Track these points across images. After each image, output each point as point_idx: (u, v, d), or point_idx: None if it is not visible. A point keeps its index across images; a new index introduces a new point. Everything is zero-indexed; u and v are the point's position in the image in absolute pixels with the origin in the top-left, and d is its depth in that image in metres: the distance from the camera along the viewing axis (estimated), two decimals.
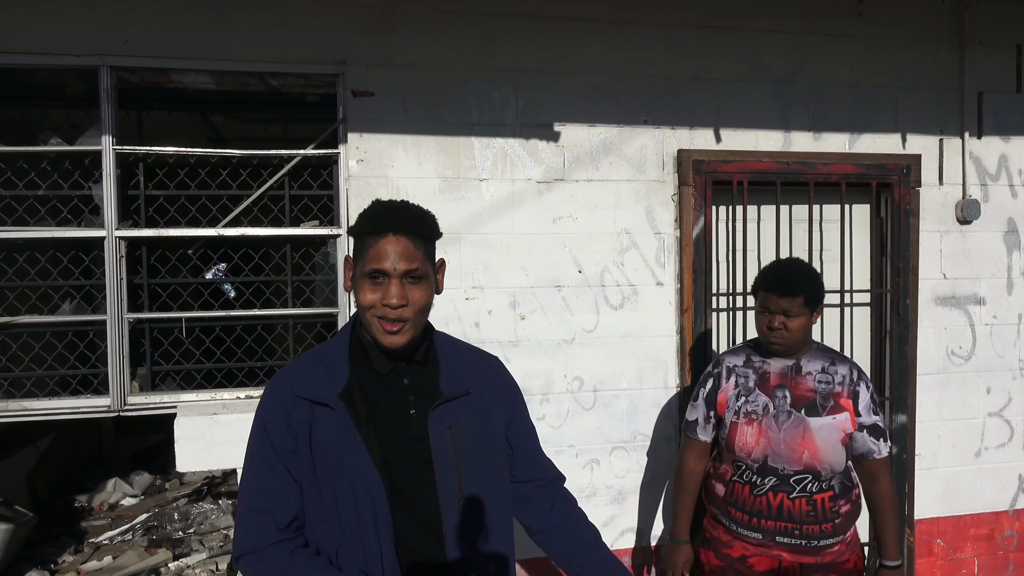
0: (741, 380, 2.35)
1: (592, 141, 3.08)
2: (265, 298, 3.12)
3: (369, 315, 1.46)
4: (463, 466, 1.52)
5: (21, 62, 2.73)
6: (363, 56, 2.89)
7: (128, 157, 2.89)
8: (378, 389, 1.52)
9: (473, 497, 1.54)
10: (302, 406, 1.48)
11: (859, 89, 3.31)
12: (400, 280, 1.43)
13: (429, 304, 1.50)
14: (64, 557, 4.44)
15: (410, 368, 1.56)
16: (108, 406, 2.87)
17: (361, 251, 1.46)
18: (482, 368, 1.67)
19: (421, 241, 1.46)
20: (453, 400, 1.55)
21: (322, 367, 1.53)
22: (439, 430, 1.51)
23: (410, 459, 1.50)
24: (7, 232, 2.83)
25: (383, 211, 1.47)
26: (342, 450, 1.45)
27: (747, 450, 2.26)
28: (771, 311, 2.22)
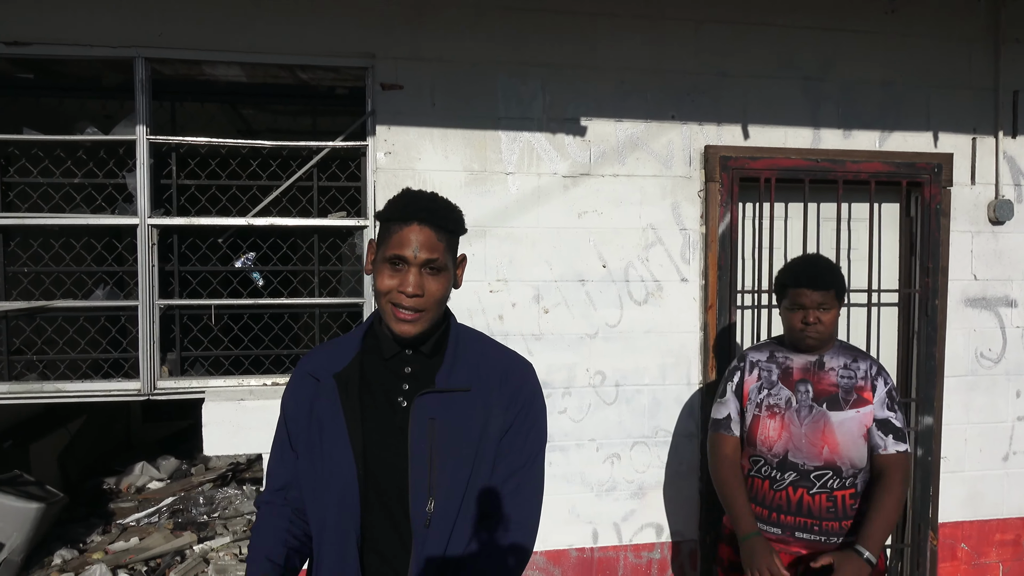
0: (764, 374, 2.35)
1: (619, 136, 3.08)
2: (292, 287, 3.16)
3: (384, 301, 1.46)
4: (438, 462, 1.45)
5: (60, 53, 2.80)
6: (392, 49, 2.92)
7: (161, 147, 2.94)
8: (379, 374, 1.53)
9: (444, 496, 1.45)
10: (309, 383, 1.55)
11: (891, 87, 3.27)
12: (419, 269, 1.43)
13: (445, 297, 1.49)
14: (92, 537, 4.55)
15: (415, 358, 1.53)
16: (138, 390, 2.93)
17: (385, 236, 1.47)
18: (497, 369, 1.56)
19: (445, 234, 1.46)
20: (445, 393, 1.49)
21: (335, 348, 1.58)
22: (420, 420, 1.46)
23: (388, 447, 1.47)
24: (44, 219, 2.90)
25: (411, 200, 1.47)
26: (327, 427, 1.49)
27: (769, 444, 2.26)
28: (805, 306, 2.21)
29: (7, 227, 2.91)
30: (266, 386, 2.99)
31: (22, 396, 2.89)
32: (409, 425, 1.46)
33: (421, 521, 1.44)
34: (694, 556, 3.22)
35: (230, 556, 4.18)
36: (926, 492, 3.32)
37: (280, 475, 1.59)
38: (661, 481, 3.17)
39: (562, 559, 3.11)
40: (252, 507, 4.85)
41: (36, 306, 2.90)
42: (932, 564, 3.36)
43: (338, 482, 1.46)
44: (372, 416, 1.49)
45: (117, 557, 4.18)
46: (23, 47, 2.75)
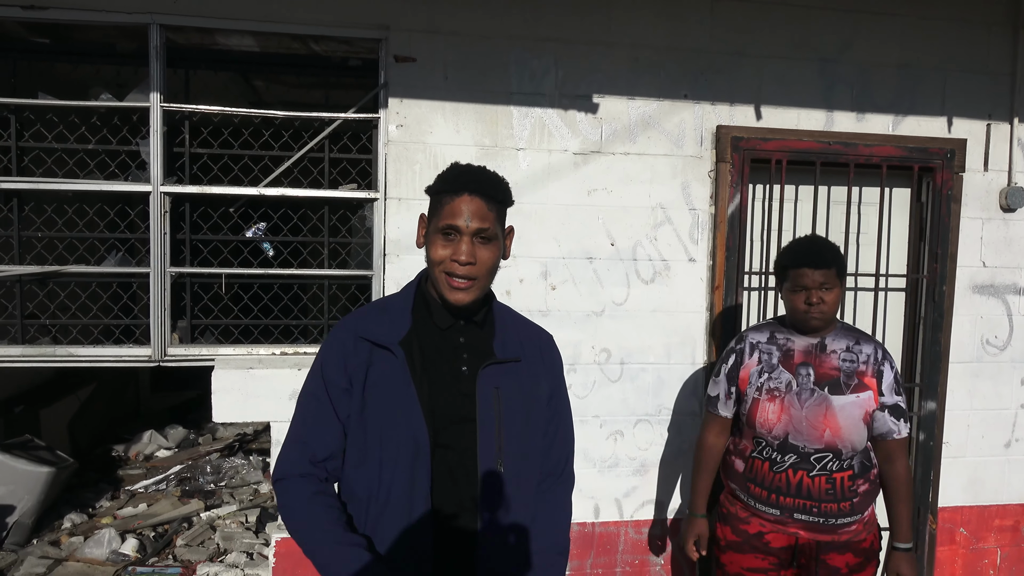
0: (764, 356, 2.35)
1: (631, 114, 3.08)
2: (302, 258, 3.19)
3: (438, 271, 1.52)
4: (504, 427, 1.56)
5: (76, 18, 2.80)
6: (407, 22, 2.91)
7: (175, 115, 2.96)
8: (435, 343, 1.58)
9: (510, 458, 1.57)
10: (363, 348, 1.55)
11: (906, 70, 3.25)
12: (471, 238, 1.50)
13: (496, 266, 1.56)
14: (101, 502, 4.62)
15: (468, 328, 1.61)
16: (149, 356, 2.97)
17: (436, 208, 1.53)
18: (535, 340, 1.71)
19: (495, 204, 1.53)
20: (504, 363, 1.60)
21: (385, 315, 1.60)
22: (487, 389, 1.56)
23: (456, 412, 1.54)
24: (58, 184, 2.92)
25: (461, 172, 1.55)
26: (394, 394, 1.52)
27: (768, 427, 2.27)
28: (807, 286, 2.21)
29: (22, 191, 2.93)
30: (275, 355, 3.02)
31: (35, 359, 2.93)
32: (476, 394, 1.55)
33: (491, 482, 1.54)
34: None
35: (236, 524, 4.24)
36: (927, 476, 3.34)
37: (323, 443, 1.56)
38: (665, 460, 3.20)
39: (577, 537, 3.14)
40: (258, 477, 4.92)
41: (49, 271, 2.93)
42: (931, 548, 3.39)
43: (407, 453, 1.50)
44: (438, 384, 1.55)
45: (125, 522, 4.25)
46: (40, 11, 2.76)
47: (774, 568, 2.33)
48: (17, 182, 2.88)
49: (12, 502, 3.96)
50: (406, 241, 2.95)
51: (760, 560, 2.33)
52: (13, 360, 2.92)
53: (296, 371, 2.89)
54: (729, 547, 2.41)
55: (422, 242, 1.58)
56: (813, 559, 2.28)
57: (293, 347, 3.06)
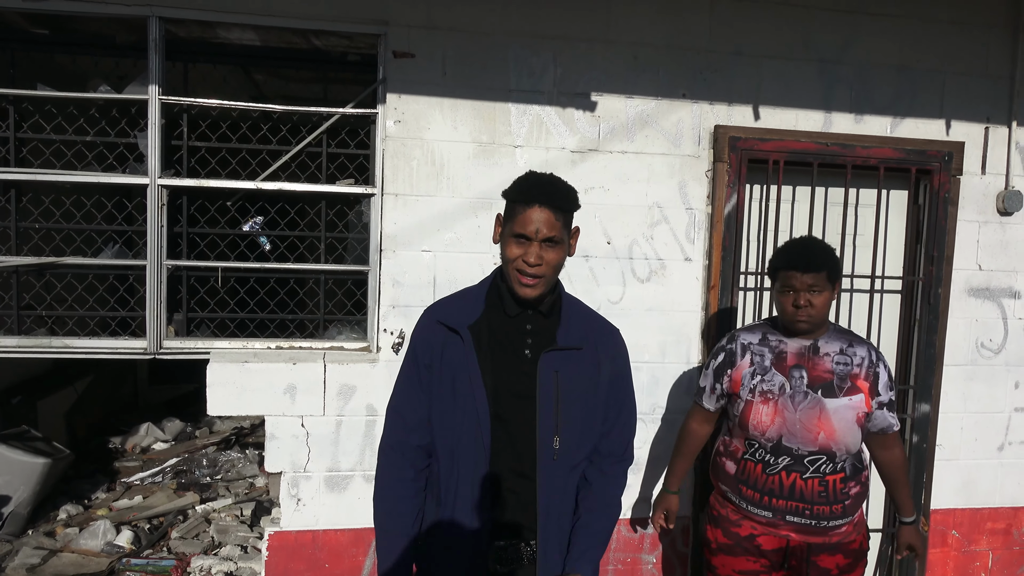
0: (756, 358, 2.34)
1: (629, 113, 3.08)
2: (299, 253, 3.19)
3: (511, 268, 1.74)
4: (563, 409, 1.76)
5: (75, 9, 2.80)
6: (406, 17, 2.91)
7: (173, 108, 2.96)
8: (504, 328, 1.80)
9: (567, 434, 1.77)
10: (440, 331, 1.81)
11: (905, 71, 3.25)
12: (540, 244, 1.70)
13: (561, 264, 1.77)
14: (97, 494, 4.63)
15: (535, 317, 1.81)
16: (145, 348, 2.98)
17: (511, 214, 1.74)
18: (600, 331, 1.89)
19: (562, 214, 1.73)
20: (565, 350, 1.79)
21: (462, 302, 1.86)
22: (547, 372, 1.76)
23: (517, 390, 1.77)
24: (56, 175, 2.92)
25: (534, 183, 1.74)
26: (462, 371, 1.76)
27: (762, 429, 2.27)
28: (796, 288, 2.21)
29: (19, 182, 2.94)
30: (270, 349, 3.03)
31: (31, 350, 2.94)
32: (537, 376, 1.76)
33: (548, 455, 1.76)
34: (686, 532, 3.26)
35: (231, 517, 4.25)
36: (919, 478, 3.35)
37: (413, 413, 1.83)
38: (657, 457, 3.20)
39: None
40: (254, 470, 4.93)
41: (46, 262, 2.94)
42: (923, 549, 3.39)
43: (471, 420, 1.75)
44: (502, 364, 1.78)
45: (121, 514, 4.26)
46: (40, 2, 2.76)
47: (765, 570, 2.33)
48: (15, 173, 2.89)
49: (8, 492, 3.97)
50: (402, 237, 2.95)
51: (751, 563, 2.34)
52: (9, 351, 2.92)
53: (291, 365, 2.89)
54: (720, 550, 2.40)
55: (498, 239, 1.80)
56: (804, 561, 2.29)
57: (288, 341, 3.06)
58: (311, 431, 2.94)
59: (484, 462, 1.75)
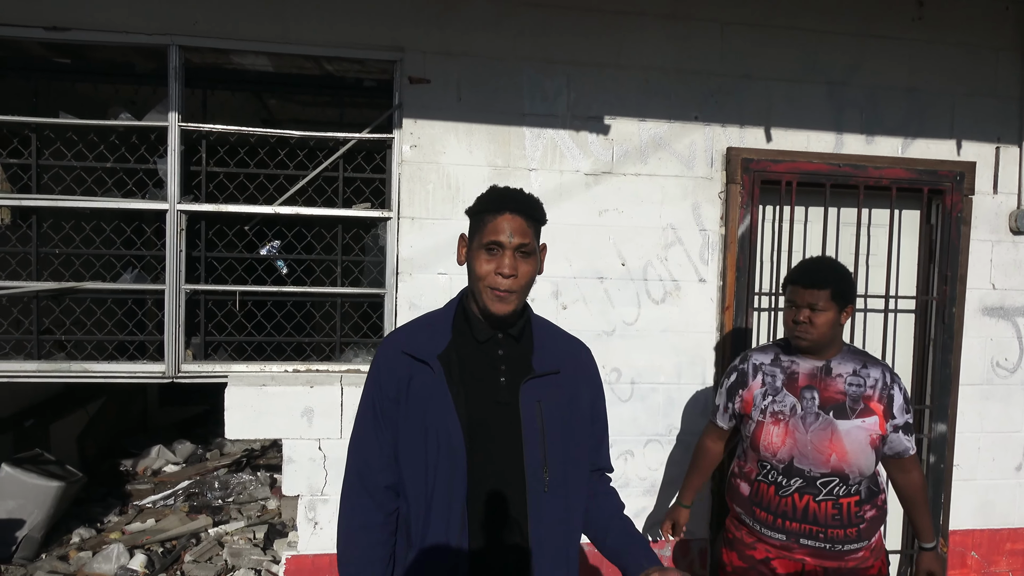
0: (768, 379, 2.32)
1: (642, 136, 3.11)
2: (315, 276, 3.21)
3: (481, 285, 1.62)
4: (549, 440, 1.64)
5: (97, 39, 2.85)
6: (421, 43, 2.95)
7: (192, 134, 3.00)
8: (474, 355, 1.67)
9: (555, 468, 1.65)
10: (404, 361, 1.66)
11: (915, 93, 3.28)
12: (513, 252, 1.60)
13: (532, 280, 1.66)
14: (110, 517, 4.62)
15: (506, 341, 1.69)
16: (163, 372, 2.99)
17: (479, 227, 1.63)
18: (573, 351, 1.79)
19: (532, 223, 1.64)
20: (543, 376, 1.67)
21: (428, 330, 1.71)
22: (529, 403, 1.64)
23: (496, 422, 1.63)
24: (76, 201, 2.95)
25: (502, 193, 1.66)
26: (433, 404, 1.61)
27: (772, 450, 2.25)
28: (797, 304, 2.21)
29: (41, 209, 2.97)
30: (287, 372, 3.04)
31: (50, 375, 2.96)
32: (520, 409, 1.63)
33: (539, 488, 1.63)
34: (704, 555, 3.25)
35: (244, 540, 4.24)
36: (937, 499, 3.33)
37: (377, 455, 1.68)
38: (673, 479, 3.20)
39: None
40: (266, 493, 4.92)
41: (66, 287, 2.97)
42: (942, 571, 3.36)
43: (446, 459, 1.60)
44: (476, 396, 1.64)
45: (134, 537, 4.24)
46: (62, 32, 2.82)
47: None
48: (37, 199, 2.92)
49: (22, 516, 3.97)
50: (419, 260, 2.98)
51: None
52: (29, 375, 2.94)
53: (308, 388, 2.90)
54: (735, 573, 2.37)
55: (463, 260, 1.69)
56: None
57: (305, 364, 3.08)
58: (328, 454, 2.95)
59: (460, 502, 1.60)
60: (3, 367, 2.93)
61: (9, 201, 2.99)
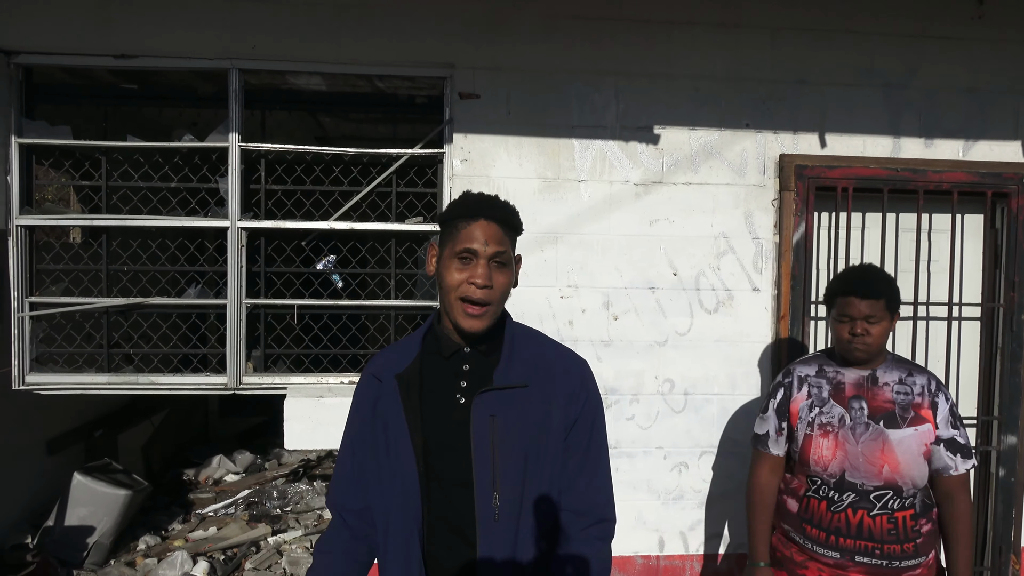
0: (814, 390, 2.25)
1: (692, 144, 3.09)
2: (370, 289, 3.28)
3: (452, 297, 1.51)
4: (501, 458, 1.50)
5: (162, 65, 2.99)
6: (471, 59, 3.00)
7: (251, 153, 3.10)
8: (438, 373, 1.58)
9: (509, 489, 1.50)
10: (372, 384, 1.61)
11: (976, 94, 3.18)
12: (488, 261, 1.49)
13: (508, 292, 1.56)
14: (173, 525, 4.77)
15: (472, 356, 1.58)
16: (225, 384, 3.09)
17: (451, 234, 1.52)
18: (553, 365, 1.61)
19: (508, 230, 1.54)
20: (504, 390, 1.53)
21: (398, 349, 1.64)
22: (482, 417, 1.51)
23: (452, 444, 1.52)
24: (143, 220, 3.08)
25: (477, 198, 1.55)
26: (390, 425, 1.55)
27: (823, 464, 2.17)
28: (853, 317, 2.14)
29: (110, 228, 3.11)
30: (343, 384, 3.11)
31: (120, 387, 3.08)
32: (471, 422, 1.50)
33: (488, 515, 1.49)
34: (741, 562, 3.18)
35: (302, 549, 4.33)
36: (1008, 514, 3.20)
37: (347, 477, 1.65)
38: (726, 493, 3.15)
39: (628, 565, 3.12)
40: (321, 503, 5.01)
41: (134, 302, 3.09)
42: None
43: (400, 479, 1.53)
44: (432, 414, 1.54)
45: (196, 545, 4.37)
46: (130, 59, 2.95)
47: None
48: (106, 219, 3.06)
49: (92, 523, 4.13)
50: None
51: None
52: (100, 387, 3.07)
53: None
54: None
55: (433, 269, 1.58)
56: None
57: None
58: None
59: (415, 528, 1.51)
60: (76, 380, 3.06)
61: (81, 221, 3.13)
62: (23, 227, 3.01)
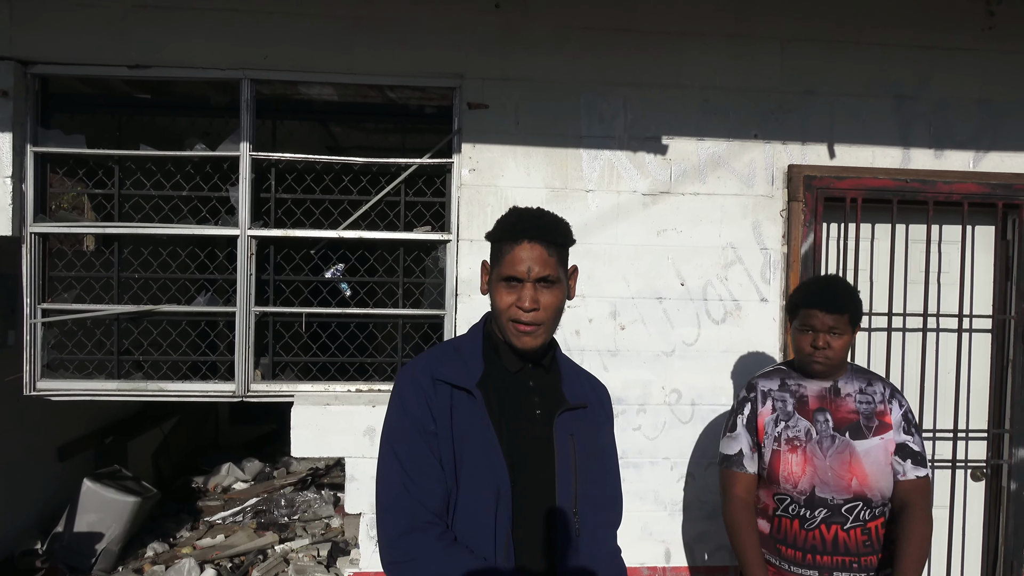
0: (779, 404, 2.21)
1: (700, 155, 3.09)
2: (378, 298, 3.29)
3: (504, 319, 1.52)
4: (581, 475, 1.55)
5: (175, 75, 3.02)
6: (480, 70, 3.02)
7: (262, 163, 3.13)
8: (508, 386, 1.56)
9: (585, 505, 1.55)
10: (443, 390, 1.51)
11: (987, 105, 3.17)
12: (534, 285, 1.48)
13: (561, 308, 1.54)
14: (182, 532, 4.79)
15: (536, 372, 1.60)
16: (233, 391, 3.10)
17: (498, 257, 1.53)
18: (595, 385, 1.73)
19: (555, 248, 1.51)
20: (576, 410, 1.59)
21: (457, 357, 1.58)
22: (563, 436, 1.54)
23: (534, 457, 1.52)
24: (154, 228, 3.11)
25: (519, 219, 1.52)
26: (475, 438, 1.49)
27: (793, 480, 2.12)
28: (816, 329, 2.12)
29: (122, 235, 3.14)
30: (350, 392, 3.12)
31: (129, 393, 3.10)
32: (554, 441, 1.54)
33: (570, 529, 1.52)
34: None
35: (309, 557, 4.33)
36: (1020, 528, 3.16)
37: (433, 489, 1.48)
38: None
39: None
40: (329, 511, 5.01)
41: (145, 310, 3.12)
42: None
43: (491, 494, 1.47)
44: (515, 429, 1.53)
45: (204, 552, 4.39)
46: (144, 70, 2.99)
47: None
48: (119, 227, 3.09)
49: (101, 529, 4.16)
50: (477, 281, 3.02)
51: None
52: (110, 393, 3.09)
53: (371, 408, 2.96)
54: None
55: (486, 289, 1.59)
56: None
57: (368, 384, 3.15)
58: None
59: (503, 543, 1.46)
60: (87, 386, 3.09)
61: (93, 229, 3.17)
62: (37, 234, 3.04)
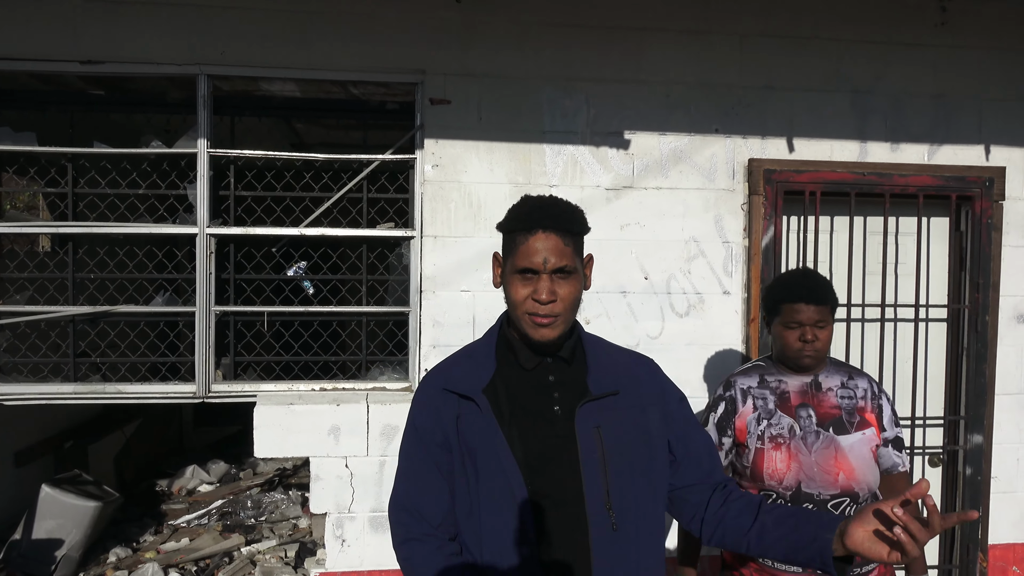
0: (759, 402, 2.18)
1: (662, 149, 3.11)
2: (341, 296, 3.26)
3: (519, 312, 1.45)
4: (611, 468, 1.45)
5: (130, 71, 2.95)
6: (442, 65, 3.00)
7: (221, 160, 3.08)
8: (523, 385, 1.50)
9: (621, 501, 1.46)
10: (450, 400, 1.49)
11: (941, 99, 3.24)
12: (550, 276, 1.42)
13: (578, 299, 1.48)
14: (145, 536, 4.70)
15: (556, 365, 1.52)
16: (194, 392, 3.05)
17: (511, 248, 1.46)
18: (633, 368, 1.59)
19: (571, 237, 1.45)
20: (601, 399, 1.49)
21: (470, 361, 1.54)
22: (587, 429, 1.46)
23: (555, 458, 1.45)
24: (110, 227, 3.05)
25: (533, 208, 1.46)
26: (485, 446, 1.44)
27: (778, 477, 2.11)
28: (802, 323, 2.10)
29: (77, 235, 3.07)
30: (314, 391, 3.08)
31: (86, 396, 3.03)
32: (577, 436, 1.45)
33: (605, 528, 1.43)
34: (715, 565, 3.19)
35: (276, 559, 4.28)
36: None
37: (433, 507, 1.48)
38: None
39: None
40: (297, 511, 4.96)
41: (101, 310, 3.05)
42: None
43: (505, 498, 1.42)
44: (530, 430, 1.46)
45: (168, 557, 4.31)
46: (97, 65, 2.92)
47: None
48: (73, 227, 3.02)
49: (61, 536, 4.06)
50: (442, 278, 3.01)
51: None
52: (66, 397, 3.02)
53: (335, 407, 2.94)
54: None
55: (499, 282, 1.53)
56: None
57: (332, 383, 3.12)
58: (355, 472, 2.97)
59: (528, 550, 1.41)
60: (42, 389, 3.01)
61: (46, 229, 3.09)
62: None
